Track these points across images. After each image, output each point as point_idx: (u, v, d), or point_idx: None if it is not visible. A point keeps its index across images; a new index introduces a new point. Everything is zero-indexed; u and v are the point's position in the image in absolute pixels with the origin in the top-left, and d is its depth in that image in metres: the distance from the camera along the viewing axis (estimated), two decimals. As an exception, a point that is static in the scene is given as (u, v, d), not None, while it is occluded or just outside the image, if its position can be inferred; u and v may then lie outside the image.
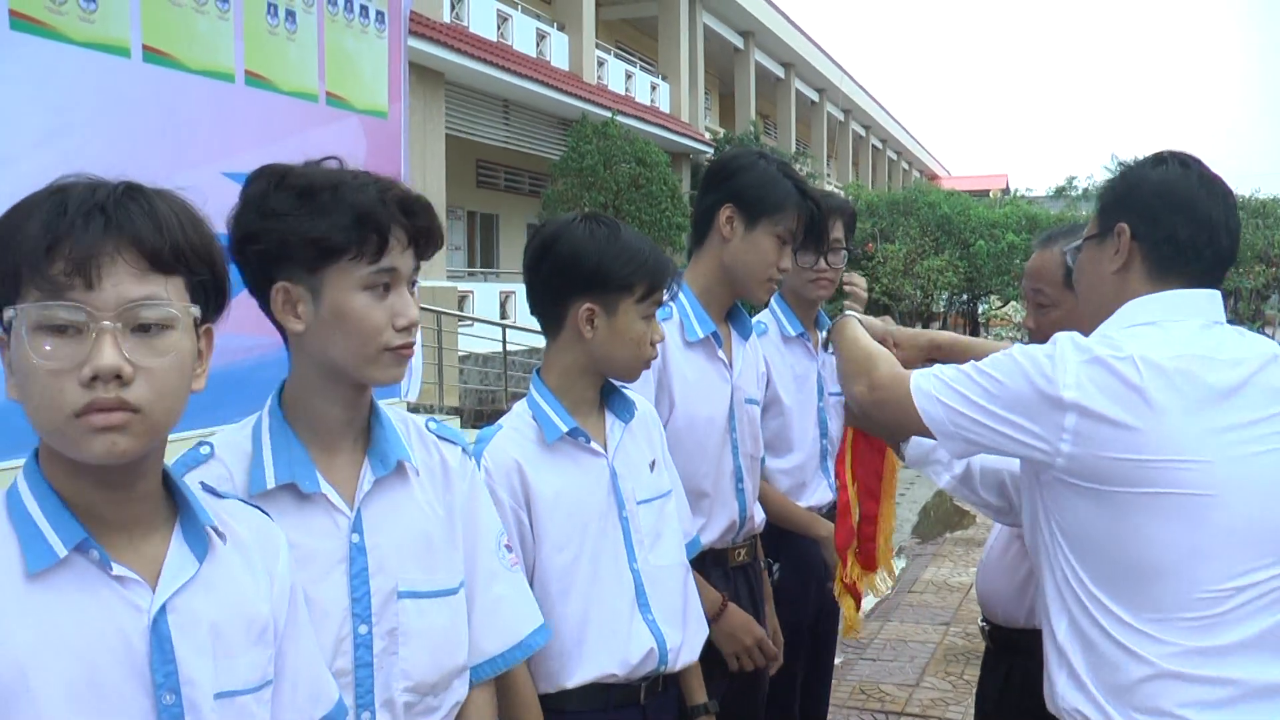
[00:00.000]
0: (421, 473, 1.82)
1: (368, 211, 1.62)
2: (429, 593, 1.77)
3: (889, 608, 6.90)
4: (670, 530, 2.37)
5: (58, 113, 3.04)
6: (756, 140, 24.45)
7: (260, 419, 1.74)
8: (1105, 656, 1.87)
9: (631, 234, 2.29)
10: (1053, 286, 2.60)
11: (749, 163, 2.79)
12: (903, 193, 25.95)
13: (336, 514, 1.71)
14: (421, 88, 15.27)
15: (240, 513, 1.51)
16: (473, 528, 1.88)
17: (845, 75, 39.54)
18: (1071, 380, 1.83)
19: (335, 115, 3.88)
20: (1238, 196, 2.51)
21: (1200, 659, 1.80)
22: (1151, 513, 1.82)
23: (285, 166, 1.69)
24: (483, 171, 22.10)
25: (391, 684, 1.72)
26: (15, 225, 1.25)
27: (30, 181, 1.37)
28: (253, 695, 1.41)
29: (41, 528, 1.27)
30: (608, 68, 23.72)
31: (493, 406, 13.61)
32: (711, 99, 33.22)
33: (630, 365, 2.30)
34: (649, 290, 2.25)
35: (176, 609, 1.33)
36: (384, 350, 1.67)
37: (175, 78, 3.28)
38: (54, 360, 1.22)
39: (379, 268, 1.64)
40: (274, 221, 1.62)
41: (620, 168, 17.41)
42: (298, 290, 1.65)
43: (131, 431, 1.25)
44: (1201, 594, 1.81)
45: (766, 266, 2.75)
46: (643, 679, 2.27)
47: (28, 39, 2.98)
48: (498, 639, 1.90)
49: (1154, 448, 1.80)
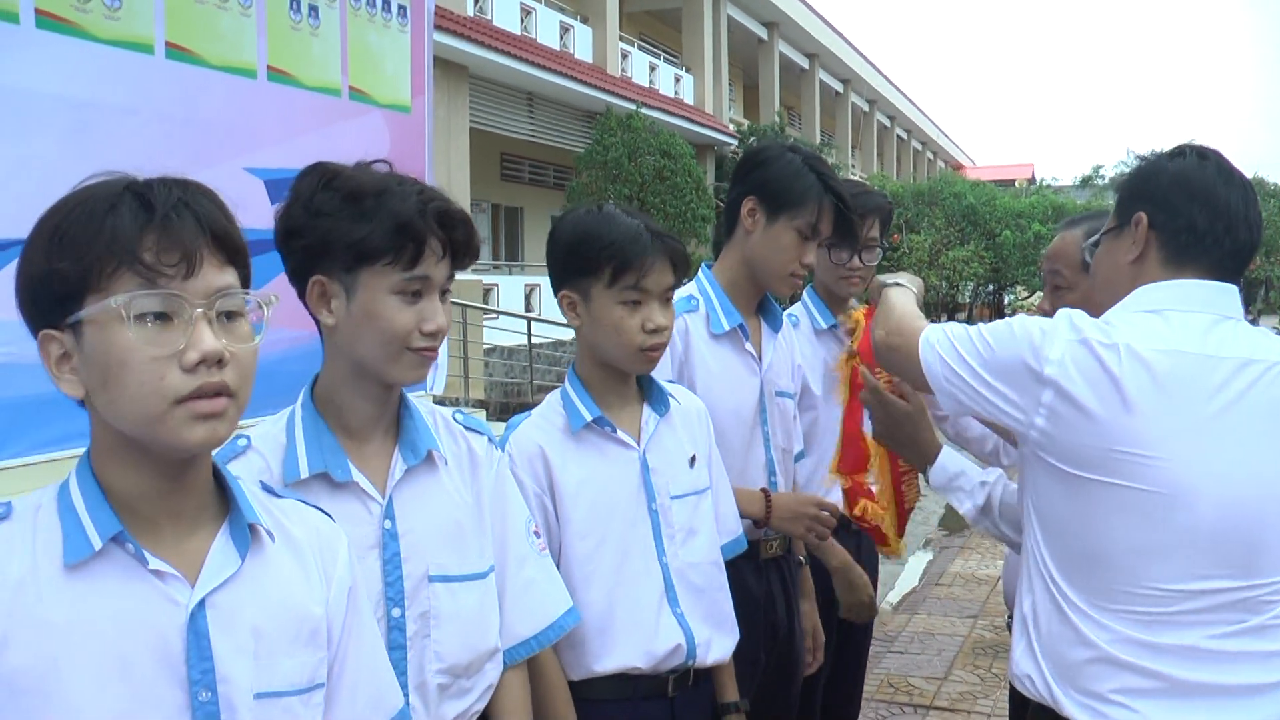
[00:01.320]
0: (450, 462, 1.87)
1: (407, 221, 1.68)
2: (460, 576, 1.83)
3: (916, 600, 6.88)
4: (705, 527, 2.35)
5: (82, 109, 3.06)
6: (781, 132, 24.38)
7: (294, 411, 1.81)
8: (1057, 634, 1.91)
9: (614, 216, 2.22)
10: (1070, 268, 2.57)
11: (774, 155, 2.75)
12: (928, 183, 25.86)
13: (369, 501, 1.76)
14: (445, 81, 15.30)
15: (297, 513, 1.52)
16: (501, 514, 1.94)
17: (870, 65, 39.38)
18: (1056, 357, 1.84)
19: (358, 110, 3.88)
20: (1273, 185, 2.47)
21: (1138, 649, 1.82)
22: (1110, 503, 1.83)
23: (336, 167, 1.76)
24: (507, 165, 22.12)
25: (425, 666, 1.77)
26: (88, 222, 1.26)
27: (54, 178, 1.37)
28: (299, 697, 1.41)
29: (82, 520, 1.29)
30: (631, 60, 23.71)
31: (518, 399, 13.65)
32: (736, 90, 33.16)
33: (621, 354, 2.22)
34: (616, 273, 2.16)
35: (216, 605, 1.34)
36: (406, 350, 1.73)
37: (198, 74, 3.29)
38: (156, 347, 1.25)
39: (412, 275, 1.70)
40: (318, 220, 1.70)
41: (645, 160, 17.40)
42: (333, 286, 1.72)
43: (227, 417, 1.30)
44: (1151, 589, 1.82)
45: (787, 261, 2.71)
46: (670, 672, 2.26)
47: (53, 37, 3.00)
48: (530, 621, 1.96)
49: (1119, 438, 1.80)
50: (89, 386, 1.29)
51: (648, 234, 2.20)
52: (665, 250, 2.21)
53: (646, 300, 2.20)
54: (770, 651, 2.79)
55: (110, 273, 1.25)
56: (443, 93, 15.01)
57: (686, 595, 2.28)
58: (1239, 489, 1.81)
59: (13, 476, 3.71)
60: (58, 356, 1.29)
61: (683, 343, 2.67)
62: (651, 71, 24.52)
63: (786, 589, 2.88)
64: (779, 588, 2.84)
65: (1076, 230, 2.59)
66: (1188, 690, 1.81)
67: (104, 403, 1.28)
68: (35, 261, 1.28)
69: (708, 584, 2.34)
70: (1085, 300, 2.40)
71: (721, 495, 2.46)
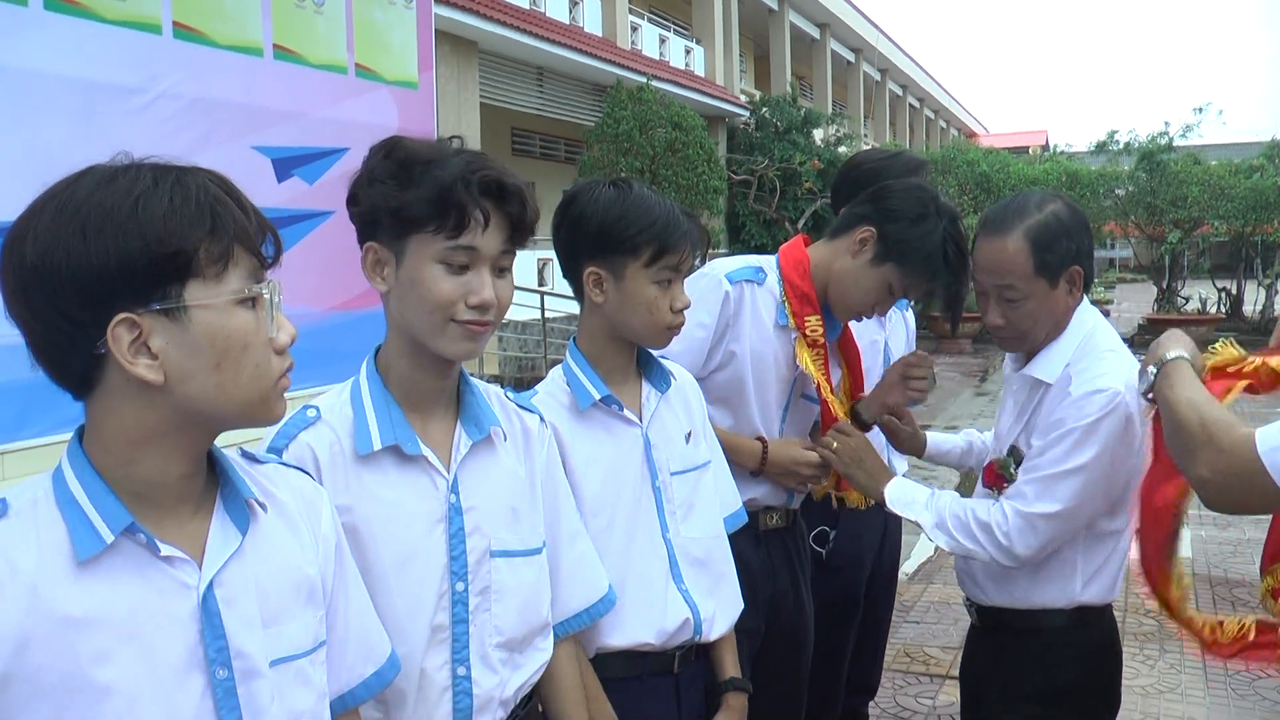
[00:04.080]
0: (507, 438, 1.90)
1: (447, 189, 1.68)
2: (520, 551, 1.87)
3: (932, 570, 6.88)
4: (705, 502, 2.37)
5: (90, 91, 3.07)
6: (794, 102, 24.22)
7: (358, 383, 1.82)
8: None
9: (647, 196, 2.22)
10: (1023, 279, 2.42)
11: (924, 213, 2.62)
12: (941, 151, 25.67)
13: (435, 475, 1.78)
14: (455, 57, 15.24)
15: (280, 476, 1.54)
16: (553, 491, 1.98)
17: (881, 34, 39.05)
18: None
19: (365, 87, 3.89)
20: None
21: None
22: None
23: (399, 138, 1.77)
24: (518, 139, 22.05)
25: (485, 639, 1.81)
26: (184, 207, 1.27)
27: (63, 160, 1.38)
28: (307, 658, 1.44)
29: (88, 514, 1.28)
30: (641, 33, 23.54)
31: (532, 374, 13.66)
32: (747, 62, 32.93)
33: (648, 332, 2.24)
34: (657, 254, 2.17)
35: (223, 583, 1.35)
36: (450, 321, 1.72)
37: (205, 53, 3.31)
38: (263, 330, 1.33)
39: (456, 244, 1.70)
40: (371, 188, 1.72)
41: (656, 133, 17.30)
42: (384, 253, 1.73)
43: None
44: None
45: (871, 303, 2.71)
46: (677, 648, 2.29)
47: (61, 19, 3.01)
48: (582, 596, 2.02)
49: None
50: (182, 370, 1.27)
51: (684, 216, 2.22)
52: (696, 233, 2.24)
53: (676, 281, 2.22)
54: (772, 623, 2.80)
55: (229, 259, 1.28)
56: (452, 68, 14.96)
57: (690, 570, 2.30)
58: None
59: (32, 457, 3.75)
60: (131, 342, 1.25)
61: (736, 306, 2.68)
62: (662, 44, 24.35)
63: (791, 561, 2.88)
64: (781, 560, 2.86)
65: (1014, 235, 2.42)
66: None
67: (211, 384, 1.29)
68: (104, 248, 1.22)
69: (709, 557, 2.35)
70: (1043, 304, 2.43)
71: (719, 469, 2.47)
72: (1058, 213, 2.45)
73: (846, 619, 3.40)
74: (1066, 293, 2.47)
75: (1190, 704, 4.81)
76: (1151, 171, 22.40)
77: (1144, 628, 5.69)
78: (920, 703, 4.84)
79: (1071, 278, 2.46)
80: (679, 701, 2.31)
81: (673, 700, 2.29)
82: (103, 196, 1.24)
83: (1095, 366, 2.42)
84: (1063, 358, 2.47)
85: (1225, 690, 4.92)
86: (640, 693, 2.24)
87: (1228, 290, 22.83)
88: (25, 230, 1.25)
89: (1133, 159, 23.20)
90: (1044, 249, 2.41)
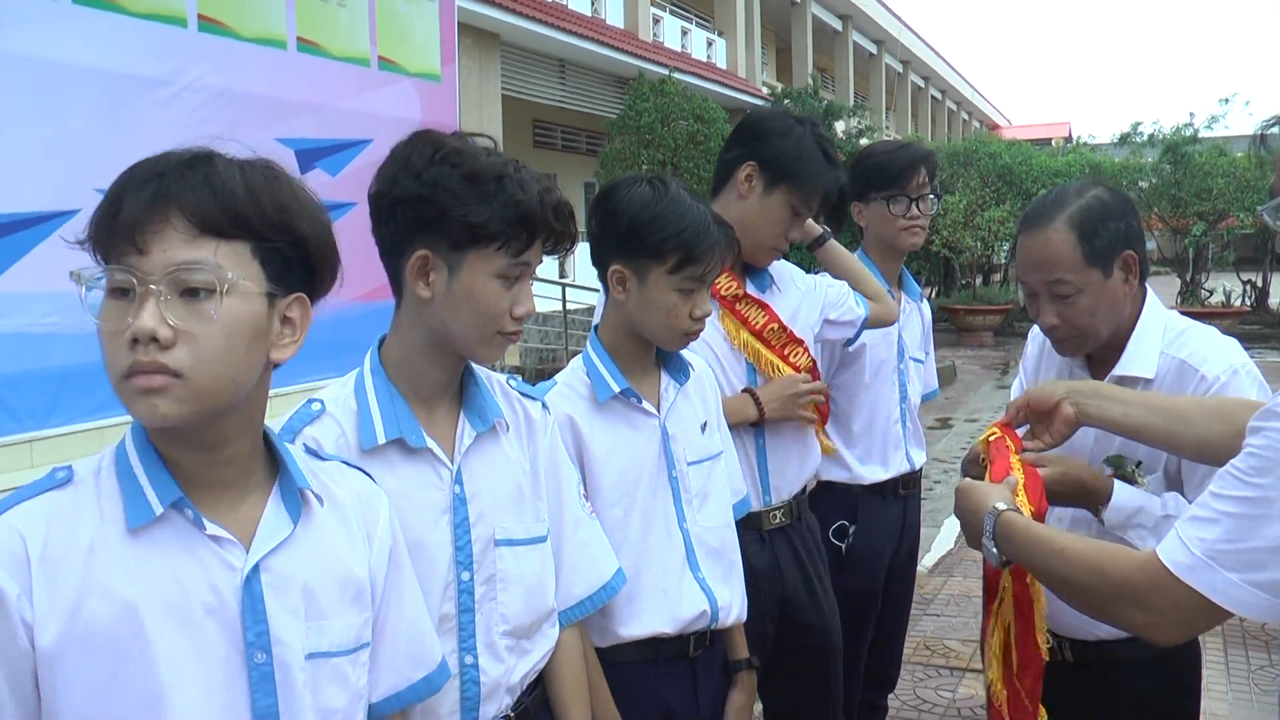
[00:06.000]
0: (509, 428, 1.91)
1: (529, 212, 1.72)
2: (523, 540, 1.88)
3: (952, 563, 6.87)
4: (718, 491, 2.39)
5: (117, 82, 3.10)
6: (815, 94, 24.16)
7: (361, 376, 1.82)
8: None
9: (681, 200, 2.20)
10: (1074, 272, 2.20)
11: (785, 127, 2.72)
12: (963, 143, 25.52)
13: (440, 467, 1.79)
14: (477, 49, 15.26)
15: (341, 475, 1.55)
16: (555, 478, 1.98)
17: (904, 26, 38.86)
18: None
19: (388, 79, 3.91)
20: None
21: None
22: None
23: (442, 137, 1.76)
24: (539, 131, 22.06)
25: (491, 628, 1.82)
26: (105, 195, 1.29)
27: (90, 151, 1.41)
28: (347, 658, 1.45)
29: (143, 485, 1.32)
30: (663, 25, 23.52)
31: (553, 365, 13.68)
32: (768, 54, 32.86)
33: (664, 336, 2.26)
34: (682, 262, 2.17)
35: (270, 569, 1.37)
36: (497, 334, 1.76)
37: (229, 46, 3.33)
38: (109, 322, 1.26)
39: (518, 261, 1.74)
40: (437, 193, 1.69)
41: (678, 125, 17.28)
42: (436, 261, 1.72)
43: (172, 395, 1.26)
44: None
45: (776, 234, 2.73)
46: (693, 634, 2.30)
47: (90, 11, 3.04)
48: (584, 583, 2.02)
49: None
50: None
51: (715, 225, 2.21)
52: (726, 242, 2.23)
53: (699, 289, 2.22)
54: (787, 624, 2.80)
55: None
56: (474, 60, 14.98)
57: (706, 559, 2.32)
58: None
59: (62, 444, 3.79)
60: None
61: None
62: (684, 36, 24.32)
63: (800, 559, 2.86)
64: (789, 559, 2.83)
65: (1057, 225, 2.21)
66: None
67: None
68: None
69: (723, 546, 2.38)
70: (1099, 296, 2.20)
71: (727, 458, 2.48)
72: (1100, 196, 2.25)
73: (865, 613, 3.40)
74: (1123, 281, 2.23)
75: (1212, 699, 4.79)
76: (1176, 163, 22.22)
77: (1165, 622, 5.66)
78: (940, 695, 4.84)
79: (1126, 263, 2.23)
80: (695, 685, 2.32)
81: (690, 684, 2.31)
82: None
83: (1203, 339, 2.22)
84: (1152, 348, 2.23)
85: (1247, 685, 4.90)
86: (657, 678, 2.26)
87: (1253, 283, 22.63)
88: None
89: (1157, 151, 23.02)
90: (1091, 235, 2.19)
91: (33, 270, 4.15)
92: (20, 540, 1.27)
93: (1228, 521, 1.48)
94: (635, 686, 2.19)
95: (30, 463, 4.11)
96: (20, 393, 4.10)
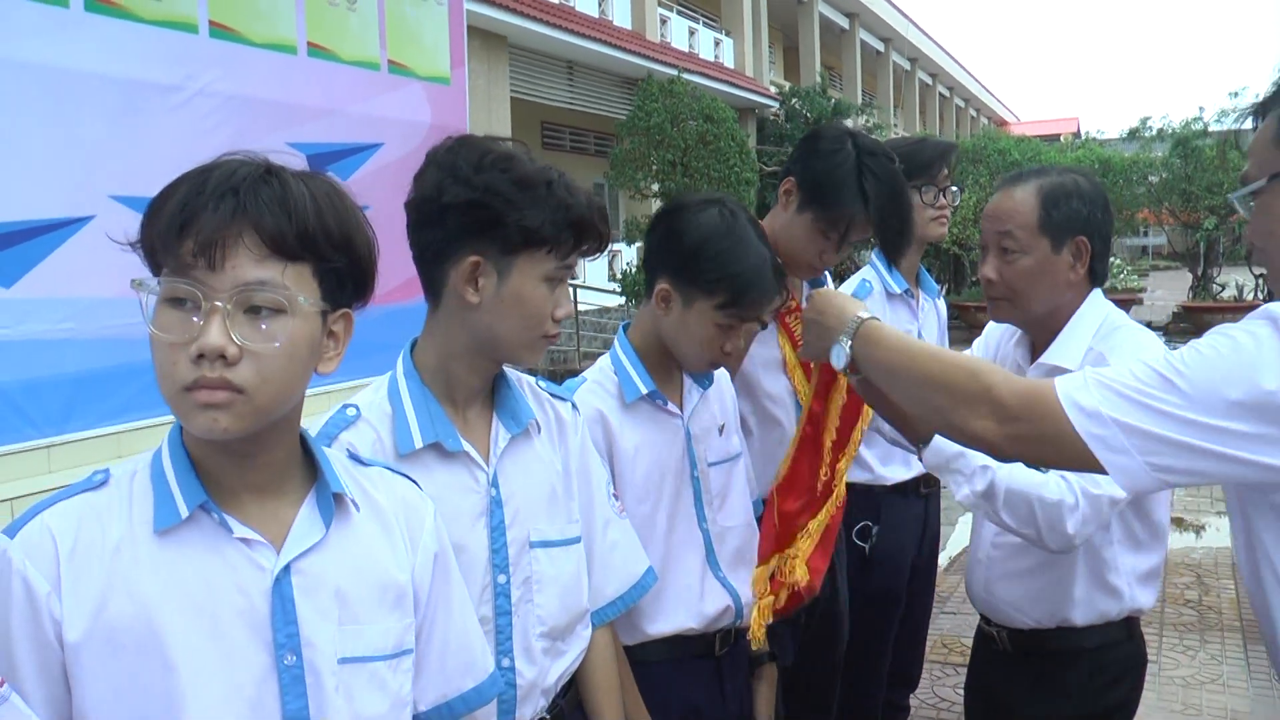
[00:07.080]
0: (541, 429, 1.91)
1: (579, 216, 1.74)
2: (558, 541, 1.88)
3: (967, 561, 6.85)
4: (738, 491, 2.41)
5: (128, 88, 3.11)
6: (823, 93, 24.14)
7: (395, 380, 1.82)
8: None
9: (747, 239, 2.19)
10: (1025, 230, 2.28)
11: (828, 148, 2.59)
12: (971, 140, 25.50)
13: (476, 470, 1.79)
14: (485, 51, 15.28)
15: (384, 480, 1.55)
16: (586, 478, 1.99)
17: (911, 23, 38.84)
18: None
19: (398, 83, 3.91)
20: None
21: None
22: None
23: (485, 142, 1.76)
24: (548, 133, 22.09)
25: (528, 630, 1.82)
26: (162, 201, 1.28)
27: (102, 157, 1.41)
28: (386, 663, 1.44)
29: (172, 488, 1.33)
30: (671, 25, 23.52)
31: (565, 366, 13.69)
32: (776, 53, 32.84)
33: (692, 359, 2.27)
34: (729, 303, 2.17)
35: (301, 571, 1.37)
36: (541, 337, 1.77)
37: (240, 51, 3.34)
38: (170, 334, 1.26)
39: (564, 264, 1.76)
40: (489, 198, 1.69)
41: (687, 125, 17.27)
42: (487, 266, 1.72)
43: (234, 411, 1.27)
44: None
45: (812, 254, 2.64)
46: (718, 632, 2.31)
47: (101, 19, 3.05)
48: (616, 582, 2.03)
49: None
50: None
51: (770, 272, 2.19)
52: (777, 289, 2.22)
53: (739, 327, 2.22)
54: (810, 613, 2.80)
55: (159, 256, 1.28)
56: (482, 63, 15.00)
57: (725, 557, 2.34)
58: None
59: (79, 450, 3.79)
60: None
61: None
62: (691, 36, 24.32)
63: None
64: None
65: (1026, 186, 2.31)
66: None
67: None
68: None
69: (744, 544, 2.39)
70: (1042, 265, 2.26)
71: (745, 459, 2.49)
72: (1077, 179, 2.32)
73: (889, 613, 3.40)
74: (1069, 265, 2.29)
75: (1232, 695, 4.77)
76: (1186, 158, 22.18)
77: (1183, 618, 5.65)
78: (959, 693, 4.82)
79: (1078, 248, 2.28)
80: (721, 682, 2.33)
81: (715, 681, 2.32)
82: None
83: (1131, 340, 2.24)
84: (1081, 342, 2.28)
85: (1268, 680, 4.88)
86: (683, 675, 2.26)
87: (1264, 276, 22.58)
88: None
89: (1166, 145, 22.97)
90: (1052, 205, 2.27)
91: (48, 277, 4.17)
92: (51, 539, 1.29)
93: (1139, 401, 1.48)
94: (662, 686, 2.19)
95: (48, 468, 4.13)
96: (36, 399, 4.12)
